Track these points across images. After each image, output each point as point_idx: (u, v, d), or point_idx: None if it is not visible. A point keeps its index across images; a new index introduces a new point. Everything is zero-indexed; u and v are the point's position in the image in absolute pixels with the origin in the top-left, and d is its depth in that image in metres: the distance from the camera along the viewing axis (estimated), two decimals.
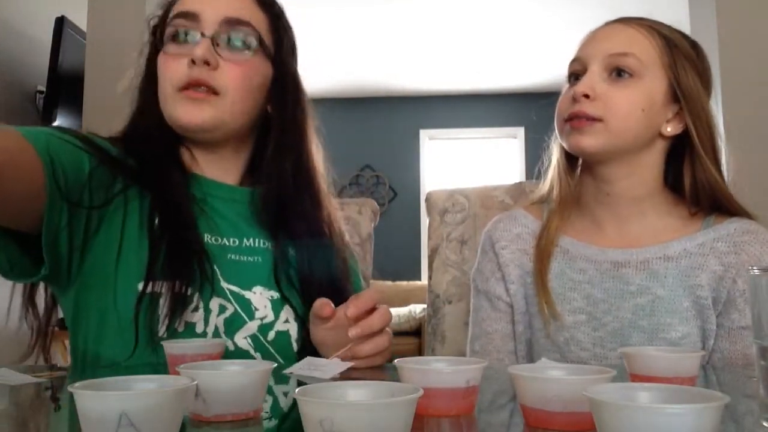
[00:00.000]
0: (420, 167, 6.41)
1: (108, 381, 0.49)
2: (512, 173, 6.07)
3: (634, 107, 0.97)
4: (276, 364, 0.59)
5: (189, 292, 0.85)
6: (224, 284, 0.90)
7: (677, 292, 0.99)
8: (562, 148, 1.06)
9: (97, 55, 2.25)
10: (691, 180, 1.01)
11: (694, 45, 1.04)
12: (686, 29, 2.31)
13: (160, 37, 0.95)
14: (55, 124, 2.49)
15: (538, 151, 1.15)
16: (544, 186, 1.13)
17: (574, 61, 1.04)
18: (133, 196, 0.90)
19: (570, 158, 1.07)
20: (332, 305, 0.83)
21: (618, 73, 0.98)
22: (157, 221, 0.88)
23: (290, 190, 0.98)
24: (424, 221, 1.50)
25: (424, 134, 6.46)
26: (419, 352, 4.58)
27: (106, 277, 0.86)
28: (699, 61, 1.03)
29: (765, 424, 0.50)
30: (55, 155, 0.81)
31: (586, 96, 0.97)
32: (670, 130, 1.00)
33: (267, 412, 0.60)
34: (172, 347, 0.74)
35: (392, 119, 6.45)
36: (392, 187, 6.42)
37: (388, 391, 0.46)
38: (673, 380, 0.63)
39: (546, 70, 5.47)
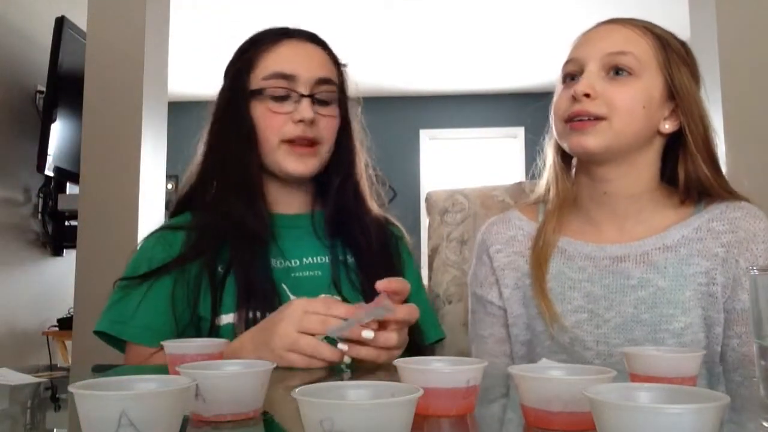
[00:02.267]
0: (420, 167, 6.41)
1: (108, 381, 0.49)
2: (512, 173, 6.08)
3: (636, 104, 0.97)
4: (275, 364, 0.59)
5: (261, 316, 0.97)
6: (293, 297, 1.01)
7: (678, 282, 0.98)
8: (558, 148, 1.06)
9: (97, 55, 2.25)
10: (685, 175, 1.01)
11: (683, 44, 1.05)
12: (686, 29, 2.32)
13: (245, 88, 1.08)
14: (55, 123, 2.49)
15: (538, 151, 1.15)
16: (540, 187, 1.12)
17: (569, 62, 1.04)
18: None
19: (566, 159, 1.07)
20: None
21: (616, 71, 0.98)
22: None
23: (343, 210, 1.12)
24: (424, 221, 1.50)
25: (424, 134, 6.46)
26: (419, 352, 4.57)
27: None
28: (689, 59, 1.04)
29: (765, 424, 0.50)
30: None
31: (587, 95, 0.97)
32: (668, 127, 1.01)
33: (267, 412, 0.60)
34: (172, 347, 0.74)
35: (392, 119, 6.45)
36: (392, 187, 6.41)
37: (388, 391, 0.46)
38: (673, 380, 0.63)
39: (546, 70, 5.47)
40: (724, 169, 1.05)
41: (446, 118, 6.44)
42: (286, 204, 1.12)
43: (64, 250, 2.72)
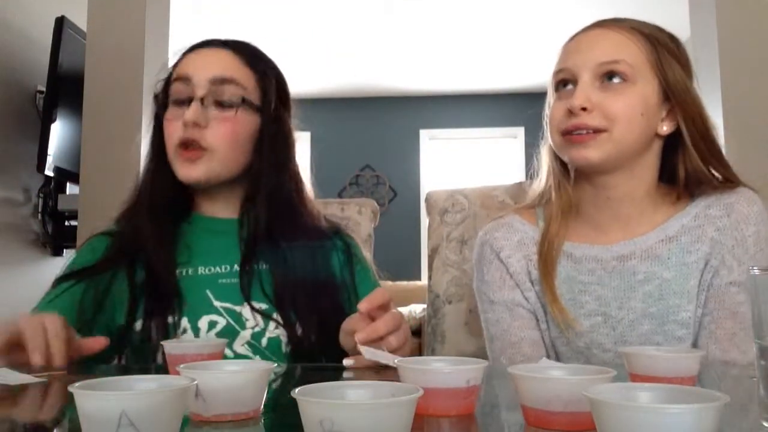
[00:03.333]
0: (420, 167, 6.41)
1: (108, 381, 0.49)
2: (512, 173, 6.08)
3: (635, 112, 0.96)
4: (276, 364, 0.59)
5: (172, 320, 0.98)
6: (217, 303, 1.02)
7: (681, 271, 0.99)
8: (556, 155, 1.05)
9: (97, 55, 2.25)
10: (686, 173, 1.01)
11: (672, 37, 1.04)
12: (686, 29, 2.32)
13: (163, 101, 1.09)
14: (55, 123, 2.49)
15: (535, 154, 1.15)
16: (534, 191, 1.12)
17: (560, 71, 1.02)
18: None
19: (564, 164, 1.06)
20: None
21: (609, 77, 0.97)
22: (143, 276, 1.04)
23: (267, 218, 1.07)
24: (424, 221, 1.50)
25: (424, 134, 6.46)
26: (419, 352, 4.58)
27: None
28: (680, 52, 1.03)
29: (765, 424, 0.50)
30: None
31: (584, 109, 0.96)
32: (665, 129, 1.01)
33: (267, 412, 0.60)
34: (172, 347, 0.74)
35: (392, 119, 6.45)
36: (392, 187, 6.42)
37: (388, 391, 0.46)
38: (673, 380, 0.63)
39: (546, 70, 5.44)
40: (720, 131, 1.05)
41: (446, 118, 6.44)
42: (210, 209, 1.12)
43: (64, 250, 2.72)
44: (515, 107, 6.21)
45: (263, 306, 1.02)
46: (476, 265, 1.13)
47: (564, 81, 1.02)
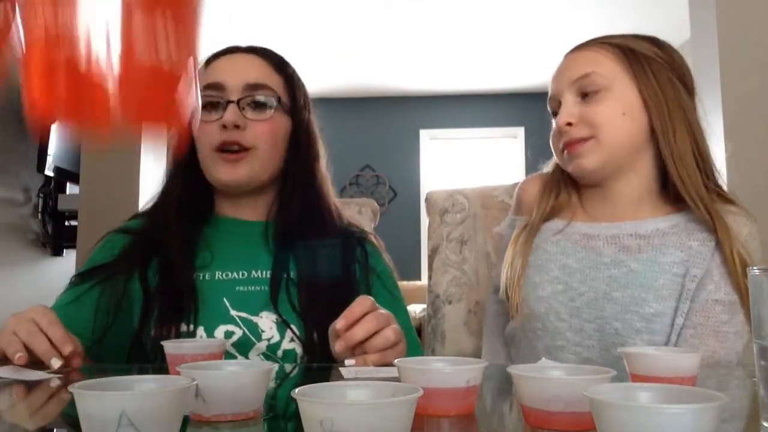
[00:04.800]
0: (420, 167, 6.41)
1: (108, 381, 0.49)
2: (512, 173, 6.08)
3: (614, 114, 1.03)
4: (277, 365, 0.59)
5: (187, 328, 0.97)
6: (233, 312, 1.00)
7: (652, 268, 1.00)
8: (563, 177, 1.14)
9: None
10: (671, 178, 1.03)
11: (655, 42, 1.08)
12: (686, 29, 2.31)
13: None
14: (55, 124, 2.49)
15: (538, 151, 1.17)
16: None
17: (550, 100, 1.10)
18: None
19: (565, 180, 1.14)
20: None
21: (587, 92, 1.04)
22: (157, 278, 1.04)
23: (298, 223, 1.08)
24: (424, 221, 1.50)
25: (424, 134, 6.47)
26: None
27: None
28: (665, 56, 1.06)
29: (765, 424, 0.50)
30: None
31: (569, 124, 1.03)
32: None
33: (267, 412, 0.60)
34: (171, 347, 0.74)
35: (392, 119, 6.45)
36: (392, 187, 6.42)
37: (388, 391, 0.46)
38: (673, 380, 0.63)
39: (546, 70, 5.45)
40: (723, 170, 1.06)
41: (446, 118, 6.44)
42: (234, 212, 1.12)
43: (64, 250, 2.72)
44: (515, 107, 6.21)
45: (279, 318, 1.01)
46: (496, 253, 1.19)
47: (554, 111, 1.09)
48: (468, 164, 6.37)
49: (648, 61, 1.05)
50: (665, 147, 1.02)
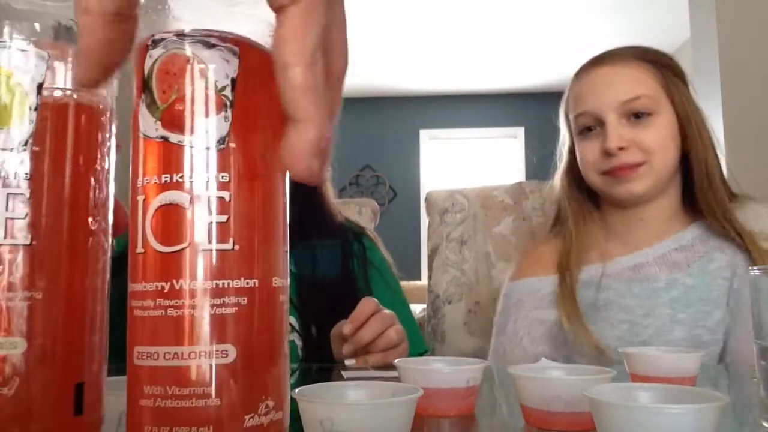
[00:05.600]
0: (420, 167, 6.41)
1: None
2: (512, 173, 6.08)
3: (667, 140, 1.02)
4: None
5: None
6: None
7: (704, 279, 1.00)
8: (577, 189, 1.11)
9: None
10: (697, 187, 1.04)
11: (667, 55, 1.09)
12: (686, 29, 2.31)
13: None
14: None
15: (538, 151, 1.17)
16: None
17: (583, 115, 1.07)
18: None
19: (585, 196, 1.11)
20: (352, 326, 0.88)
21: (636, 116, 1.02)
22: None
23: (297, 219, 1.05)
24: (424, 221, 1.50)
25: (424, 134, 6.47)
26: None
27: None
28: (678, 69, 1.07)
29: (765, 424, 0.50)
30: None
31: (621, 148, 1.01)
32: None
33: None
34: None
35: (392, 119, 6.45)
36: (392, 187, 6.42)
37: (388, 391, 0.46)
38: (673, 380, 0.63)
39: (546, 70, 5.47)
40: (724, 170, 1.06)
41: (446, 118, 6.44)
42: None
43: None
44: (515, 107, 6.21)
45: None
46: (502, 312, 1.13)
47: (588, 126, 1.07)
48: (468, 164, 6.37)
49: (677, 78, 1.05)
50: (698, 170, 1.02)
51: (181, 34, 0.32)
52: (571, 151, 1.13)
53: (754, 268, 0.51)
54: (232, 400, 0.31)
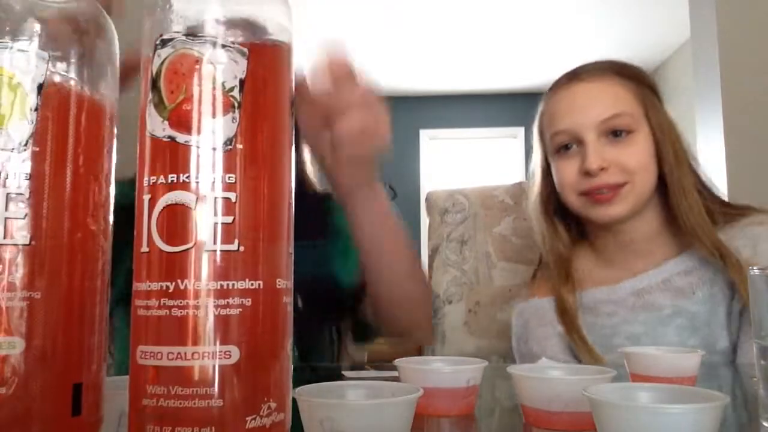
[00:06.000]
0: (420, 167, 6.41)
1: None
2: (512, 173, 6.08)
3: (647, 158, 0.99)
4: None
5: None
6: None
7: (709, 304, 0.97)
8: (548, 211, 1.08)
9: None
10: (679, 207, 1.01)
11: (644, 71, 1.07)
12: (686, 29, 2.31)
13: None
14: None
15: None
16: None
17: (560, 133, 1.03)
18: None
19: (557, 215, 1.09)
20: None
21: (615, 133, 0.99)
22: None
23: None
24: (424, 221, 1.50)
25: (424, 134, 6.46)
26: (419, 352, 4.58)
27: None
28: (655, 86, 1.05)
29: (765, 424, 0.50)
30: None
31: (602, 169, 0.97)
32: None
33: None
34: None
35: (392, 119, 6.44)
36: (392, 187, 6.40)
37: (388, 391, 0.46)
38: (673, 380, 0.63)
39: (546, 70, 5.47)
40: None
41: (446, 118, 6.44)
42: None
43: None
44: (515, 107, 6.21)
45: None
46: (518, 331, 1.12)
47: (565, 145, 1.03)
48: (468, 164, 6.37)
49: (654, 96, 1.02)
50: (674, 190, 0.99)
51: (190, 34, 0.32)
52: (545, 172, 1.10)
53: (754, 268, 0.51)
54: (235, 401, 0.31)
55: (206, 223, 0.31)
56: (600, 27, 4.52)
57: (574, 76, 1.05)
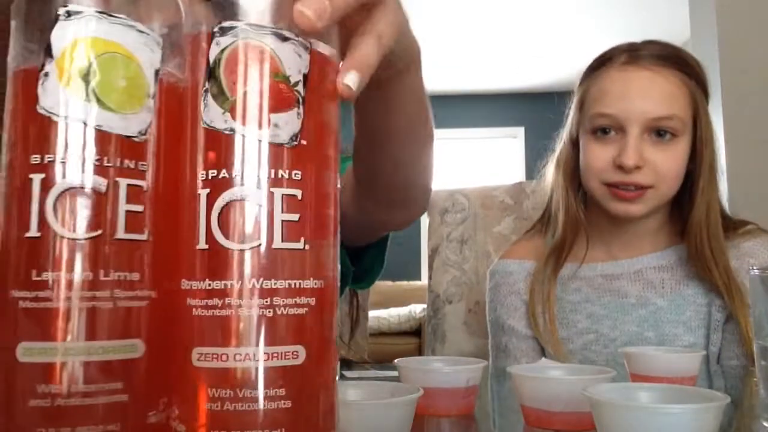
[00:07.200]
0: None
1: None
2: (512, 173, 6.08)
3: (680, 168, 0.96)
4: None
5: None
6: None
7: (677, 301, 0.98)
8: (570, 183, 1.03)
9: None
10: (693, 207, 0.98)
11: (702, 67, 1.02)
12: (686, 29, 2.31)
13: None
14: None
15: (538, 151, 1.15)
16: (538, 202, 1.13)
17: (603, 116, 0.97)
18: None
19: (577, 191, 1.04)
20: None
21: (658, 133, 0.95)
22: None
23: None
24: (424, 221, 1.50)
25: None
26: (419, 352, 4.58)
27: None
28: (707, 86, 1.01)
29: (765, 424, 0.50)
30: None
31: (637, 167, 0.93)
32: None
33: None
34: None
35: None
36: None
37: (388, 391, 0.46)
38: (673, 380, 0.63)
39: (546, 70, 5.47)
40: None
41: (446, 118, 6.43)
42: None
43: None
44: (515, 107, 6.20)
45: None
46: (490, 295, 1.11)
47: (604, 128, 0.97)
48: (468, 164, 6.37)
49: (705, 98, 0.99)
50: (700, 206, 0.96)
51: (253, 24, 0.31)
52: (575, 142, 1.04)
53: (754, 268, 0.51)
54: (303, 402, 0.30)
55: (272, 220, 0.30)
56: (600, 27, 4.52)
57: (635, 58, 0.98)
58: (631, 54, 0.99)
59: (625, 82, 0.97)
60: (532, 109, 5.94)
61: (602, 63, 1.02)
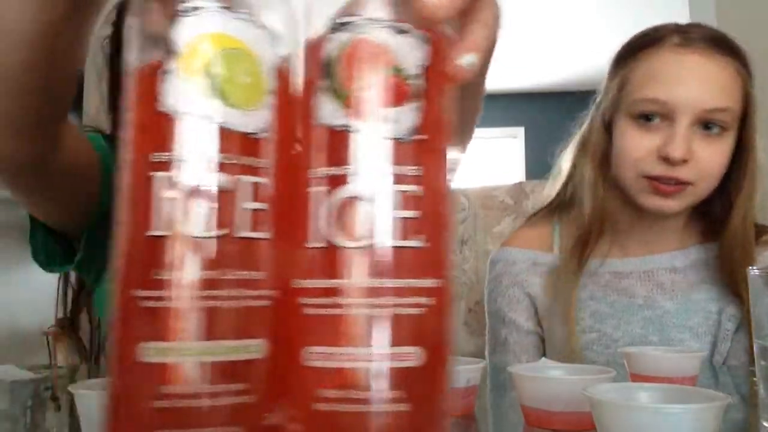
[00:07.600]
0: None
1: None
2: (512, 173, 6.08)
3: (723, 165, 0.90)
4: None
5: None
6: None
7: (686, 306, 0.95)
8: (599, 168, 0.96)
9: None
10: (722, 208, 0.95)
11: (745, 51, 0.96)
12: None
13: None
14: None
15: (538, 151, 1.15)
16: (550, 192, 1.06)
17: (650, 101, 0.89)
18: None
19: (606, 178, 0.97)
20: None
21: (707, 126, 0.88)
22: None
23: None
24: None
25: None
26: None
27: None
28: (752, 78, 0.95)
29: (765, 424, 0.50)
30: None
31: (684, 161, 0.87)
32: None
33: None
34: None
35: None
36: None
37: None
38: (673, 380, 0.63)
39: (546, 70, 5.47)
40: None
41: None
42: None
43: None
44: (515, 107, 6.20)
45: None
46: (490, 285, 1.07)
47: (650, 115, 0.90)
48: (468, 164, 6.36)
49: (751, 88, 0.93)
50: (738, 213, 0.91)
51: (370, 18, 0.30)
52: (607, 124, 0.96)
53: (754, 268, 0.51)
54: (422, 405, 0.29)
55: (390, 217, 0.29)
56: (599, 27, 4.52)
57: (687, 41, 0.91)
58: (683, 35, 0.92)
59: (679, 65, 0.90)
60: (532, 109, 5.94)
61: (651, 42, 0.93)
